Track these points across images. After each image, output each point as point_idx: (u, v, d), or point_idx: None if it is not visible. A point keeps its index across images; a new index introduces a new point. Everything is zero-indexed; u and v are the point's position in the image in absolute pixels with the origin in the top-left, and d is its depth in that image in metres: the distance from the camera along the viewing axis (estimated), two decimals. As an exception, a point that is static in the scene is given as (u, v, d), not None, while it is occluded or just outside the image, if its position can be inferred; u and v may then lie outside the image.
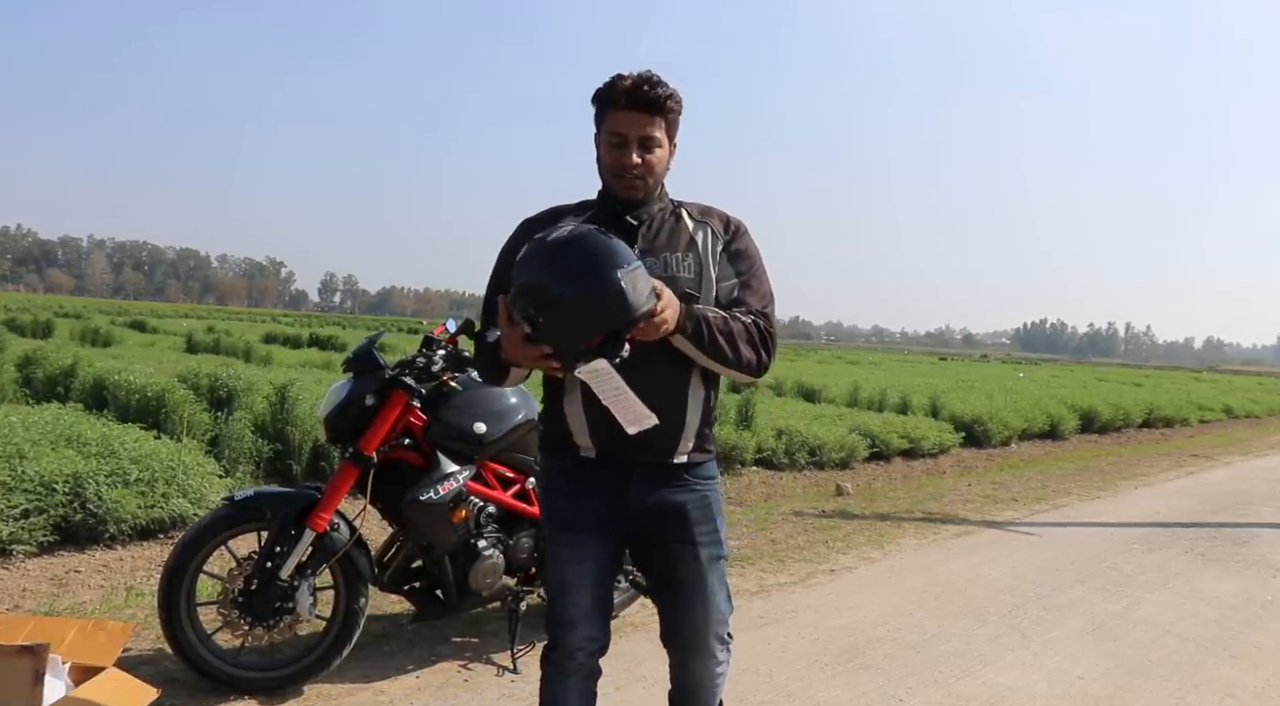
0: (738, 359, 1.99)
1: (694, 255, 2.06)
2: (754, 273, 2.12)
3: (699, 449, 2.10)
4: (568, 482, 2.13)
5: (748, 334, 2.02)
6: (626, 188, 2.03)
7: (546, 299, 1.75)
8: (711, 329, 1.95)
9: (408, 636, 3.80)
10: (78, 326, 19.06)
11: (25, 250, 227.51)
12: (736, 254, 2.12)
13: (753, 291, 2.10)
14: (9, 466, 4.57)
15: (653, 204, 2.08)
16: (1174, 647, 4.21)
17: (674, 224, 2.10)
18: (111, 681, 2.43)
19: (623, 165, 2.01)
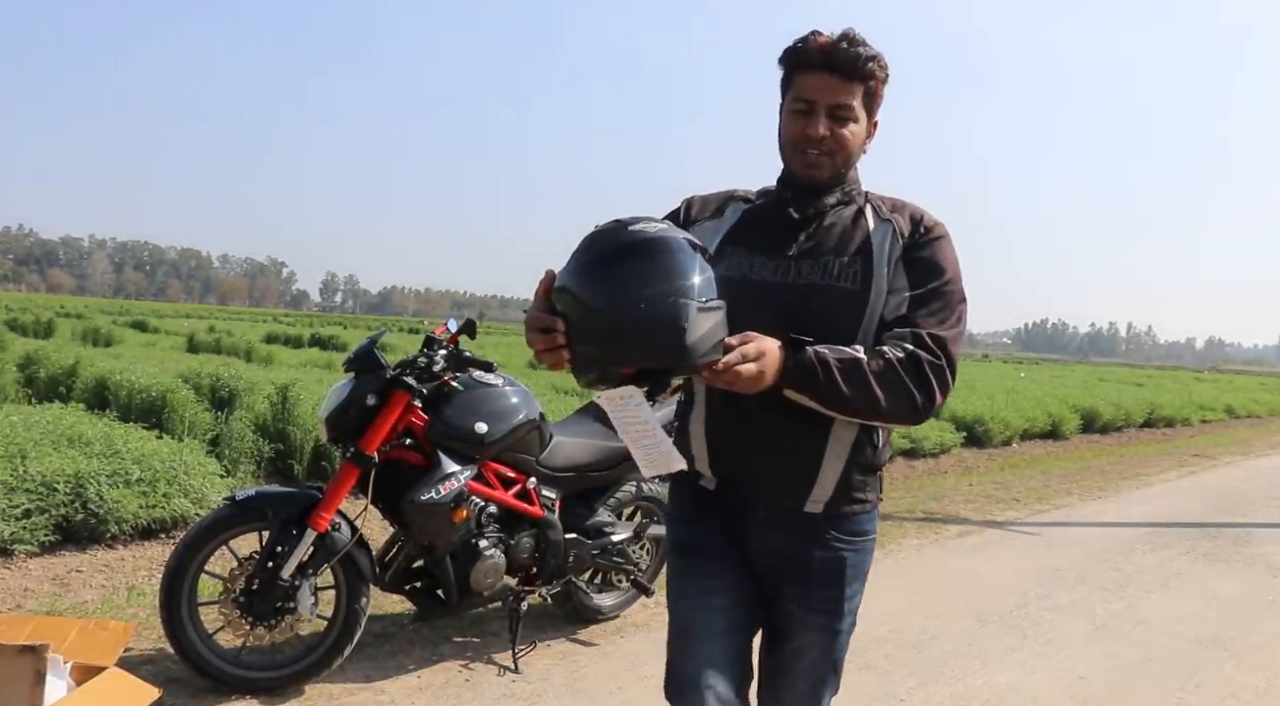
0: (874, 406, 1.59)
1: (864, 260, 1.69)
2: (937, 287, 1.69)
3: (843, 499, 1.73)
4: (686, 509, 1.87)
5: (895, 373, 1.59)
6: (807, 165, 1.69)
7: (577, 306, 1.47)
8: (831, 377, 1.56)
9: (409, 636, 3.80)
10: (79, 326, 19.07)
11: (27, 250, 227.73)
12: (918, 261, 1.70)
13: (928, 309, 1.67)
14: (11, 466, 4.57)
15: (831, 194, 1.73)
16: (1175, 647, 4.21)
17: (851, 221, 1.73)
18: (113, 681, 2.42)
19: (805, 136, 1.67)
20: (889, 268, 1.69)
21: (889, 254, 1.69)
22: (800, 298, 1.67)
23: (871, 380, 1.57)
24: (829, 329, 1.63)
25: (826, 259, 1.70)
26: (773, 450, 1.71)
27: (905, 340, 1.63)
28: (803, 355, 1.56)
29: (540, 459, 3.70)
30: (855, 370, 1.57)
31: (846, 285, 1.67)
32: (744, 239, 1.76)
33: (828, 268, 1.69)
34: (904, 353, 1.61)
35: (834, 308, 1.67)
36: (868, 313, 1.66)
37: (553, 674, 3.51)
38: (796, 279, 1.69)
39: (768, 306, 1.65)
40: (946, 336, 1.65)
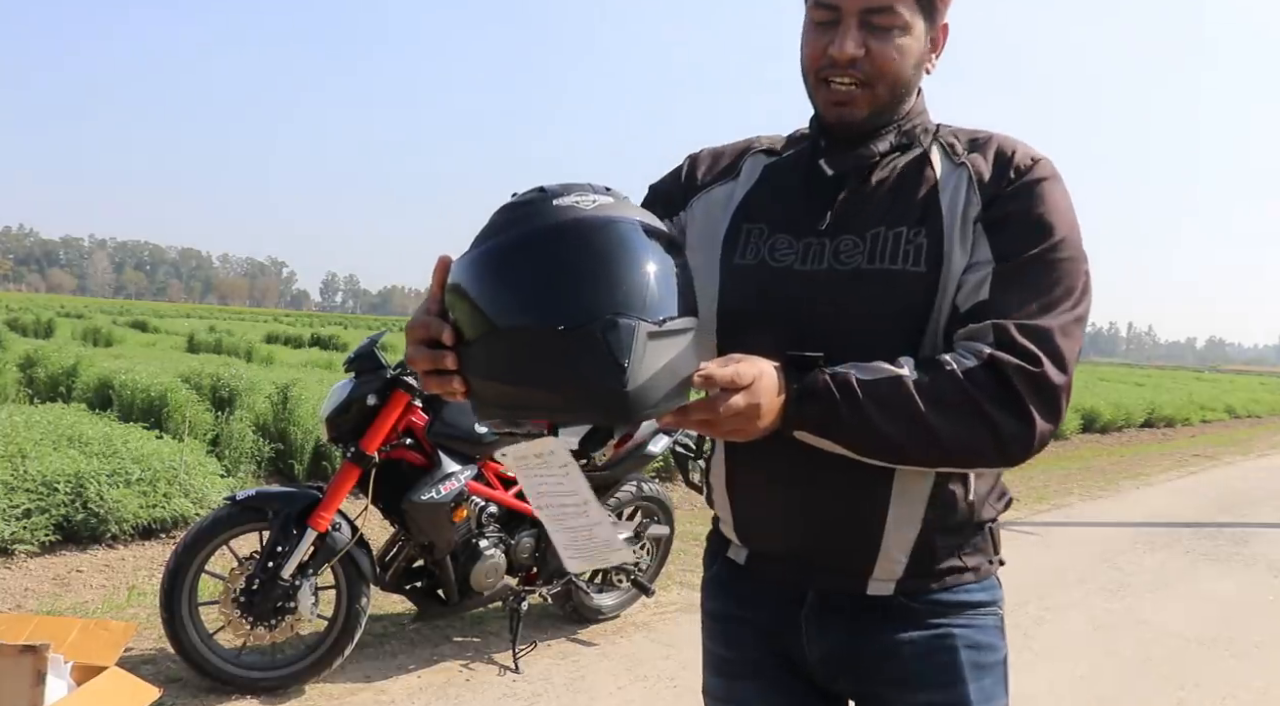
0: (930, 446, 1.05)
1: (930, 226, 1.15)
2: (1038, 254, 1.11)
3: (927, 572, 1.20)
4: (717, 598, 1.37)
5: (960, 391, 1.04)
6: (834, 101, 1.17)
7: (471, 316, 0.96)
8: (857, 409, 1.04)
9: (409, 636, 3.80)
10: (79, 326, 19.06)
11: (27, 250, 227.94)
12: (1008, 218, 1.13)
13: (1021, 288, 1.09)
14: (11, 466, 4.57)
15: (882, 137, 1.20)
16: (1175, 647, 4.21)
17: (911, 173, 1.19)
18: (113, 681, 2.42)
19: (829, 59, 1.15)
20: (960, 233, 1.14)
21: (963, 212, 1.15)
22: (839, 292, 1.16)
23: (921, 406, 1.03)
24: (882, 336, 1.13)
25: (876, 231, 1.17)
26: (812, 512, 1.19)
27: (981, 338, 1.08)
28: (812, 379, 1.05)
29: (540, 459, 3.69)
30: (894, 394, 1.04)
31: (905, 267, 1.14)
32: (764, 209, 1.26)
33: (878, 244, 1.16)
34: (976, 359, 1.05)
35: (888, 303, 1.14)
36: (937, 305, 1.13)
37: (553, 674, 3.51)
38: (834, 264, 1.17)
39: (793, 308, 1.17)
40: (1050, 326, 1.07)
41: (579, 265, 0.94)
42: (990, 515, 1.25)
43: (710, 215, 1.29)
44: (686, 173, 1.35)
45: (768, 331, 1.17)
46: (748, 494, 1.27)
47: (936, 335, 1.14)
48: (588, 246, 0.94)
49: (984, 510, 1.23)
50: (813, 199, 1.22)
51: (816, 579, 1.23)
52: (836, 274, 1.17)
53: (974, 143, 1.21)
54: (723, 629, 1.35)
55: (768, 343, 1.11)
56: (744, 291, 1.21)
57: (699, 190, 1.32)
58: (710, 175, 1.33)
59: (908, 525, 1.17)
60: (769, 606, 1.27)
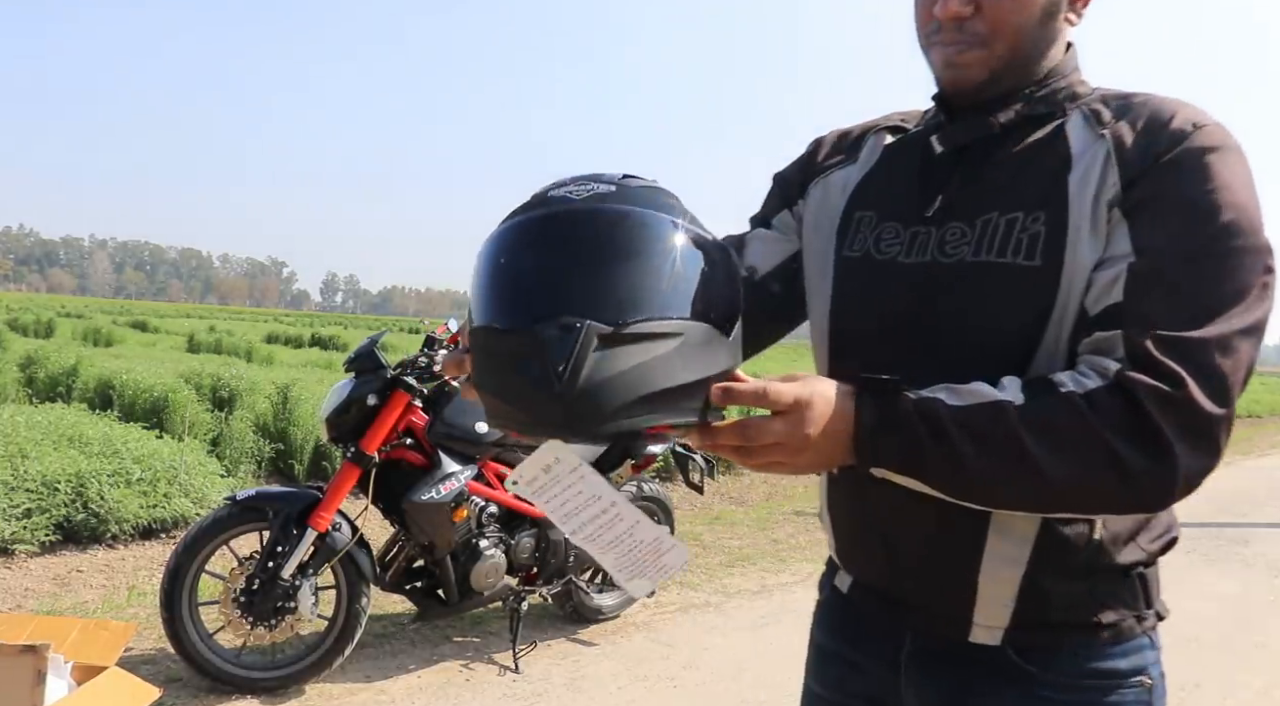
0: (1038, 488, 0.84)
1: (1051, 210, 0.93)
2: (1190, 245, 0.87)
3: (1043, 622, 0.99)
4: (820, 627, 1.23)
5: (1079, 420, 0.83)
6: (945, 63, 1.00)
7: (475, 325, 0.89)
8: (946, 443, 0.85)
9: (409, 636, 3.80)
10: (79, 326, 19.07)
11: (27, 250, 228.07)
12: (1152, 201, 0.90)
13: (1167, 290, 0.86)
14: (11, 466, 4.57)
15: (1005, 108, 1.00)
16: (1175, 647, 4.19)
17: (1044, 146, 0.98)
18: (113, 681, 2.42)
19: (932, 17, 0.99)
20: (1091, 219, 0.91)
21: (1095, 193, 0.92)
22: (939, 289, 0.98)
23: (1026, 439, 0.83)
24: (989, 346, 0.95)
25: (988, 218, 0.97)
26: (903, 540, 1.03)
27: (1110, 352, 0.86)
28: (889, 407, 0.86)
29: (540, 459, 3.70)
30: (993, 424, 0.84)
31: (1016, 260, 0.94)
32: (877, 194, 1.10)
33: (987, 233, 0.96)
34: (1101, 379, 0.85)
35: (995, 304, 0.95)
36: (1058, 308, 0.92)
37: (553, 674, 3.51)
38: (937, 256, 0.99)
39: (894, 309, 1.02)
40: (1204, 338, 0.83)
41: (540, 260, 0.85)
42: (1137, 557, 0.99)
43: (826, 202, 1.15)
44: (808, 157, 1.21)
45: (870, 336, 1.03)
46: (844, 514, 1.12)
47: (1058, 346, 0.93)
48: (556, 240, 0.85)
49: (1124, 550, 0.98)
50: (925, 181, 1.04)
51: (915, 619, 1.06)
52: (938, 268, 0.99)
53: (1125, 107, 0.97)
54: (819, 662, 1.21)
55: (870, 349, 1.01)
56: (850, 288, 1.07)
57: (817, 174, 1.18)
58: (831, 158, 1.18)
59: (1008, 564, 0.97)
60: (868, 644, 1.12)
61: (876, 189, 1.11)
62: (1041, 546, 0.96)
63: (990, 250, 0.95)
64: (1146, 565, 1.01)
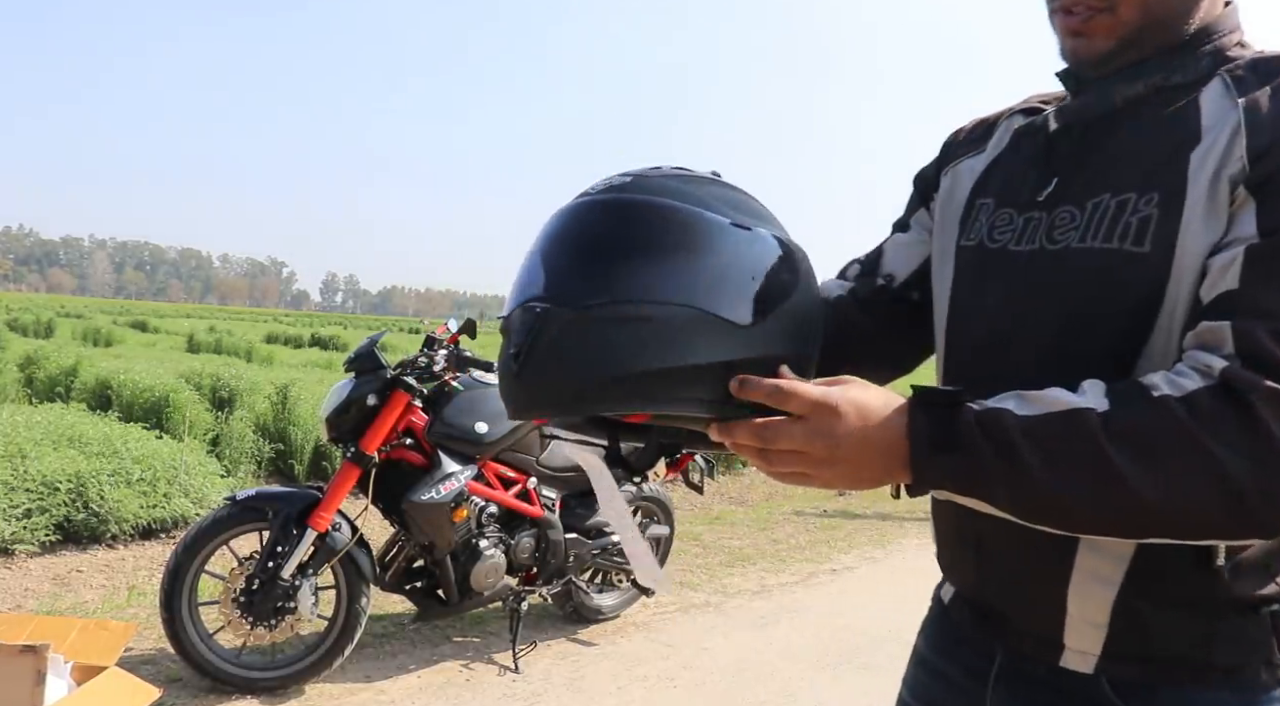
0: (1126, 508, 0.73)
1: (1167, 191, 0.83)
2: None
3: (1130, 652, 0.88)
4: (921, 635, 1.16)
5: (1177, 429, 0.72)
6: (1071, 31, 0.91)
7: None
8: (1014, 459, 0.75)
9: (409, 636, 3.80)
10: (79, 326, 19.08)
11: (27, 250, 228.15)
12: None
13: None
14: (11, 466, 4.58)
15: (1133, 79, 0.90)
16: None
17: (1174, 120, 0.86)
18: (113, 681, 2.42)
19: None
20: (1217, 199, 0.80)
21: (1216, 169, 0.80)
22: (1043, 277, 0.90)
23: (1110, 451, 0.73)
24: (1095, 340, 0.86)
25: (1099, 200, 0.87)
26: (994, 548, 0.96)
27: (1216, 348, 0.76)
28: (947, 419, 0.77)
29: (540, 459, 3.70)
30: (1070, 436, 0.74)
31: (1122, 246, 0.84)
32: (998, 181, 1.02)
33: (1095, 216, 0.87)
34: (1202, 378, 0.74)
35: (1100, 295, 0.85)
36: (1169, 299, 0.82)
37: (553, 674, 3.52)
38: (1045, 243, 0.91)
39: (999, 303, 0.94)
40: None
41: (534, 253, 0.87)
42: (1269, 591, 0.84)
43: (954, 193, 1.06)
44: (944, 149, 1.13)
45: (978, 335, 0.95)
46: (944, 518, 1.04)
47: (1169, 345, 0.82)
48: (553, 233, 0.86)
49: (1249, 582, 0.83)
50: (1042, 164, 0.96)
51: (1005, 635, 0.97)
52: (1044, 256, 0.90)
53: (1272, 71, 0.84)
54: (914, 672, 1.13)
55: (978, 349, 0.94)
56: (964, 282, 0.99)
57: (948, 165, 1.10)
58: (965, 147, 1.10)
59: (1100, 582, 0.87)
60: (959, 657, 1.04)
61: (1000, 174, 1.02)
62: (1138, 566, 0.85)
63: (1097, 236, 0.86)
64: (1276, 603, 0.85)
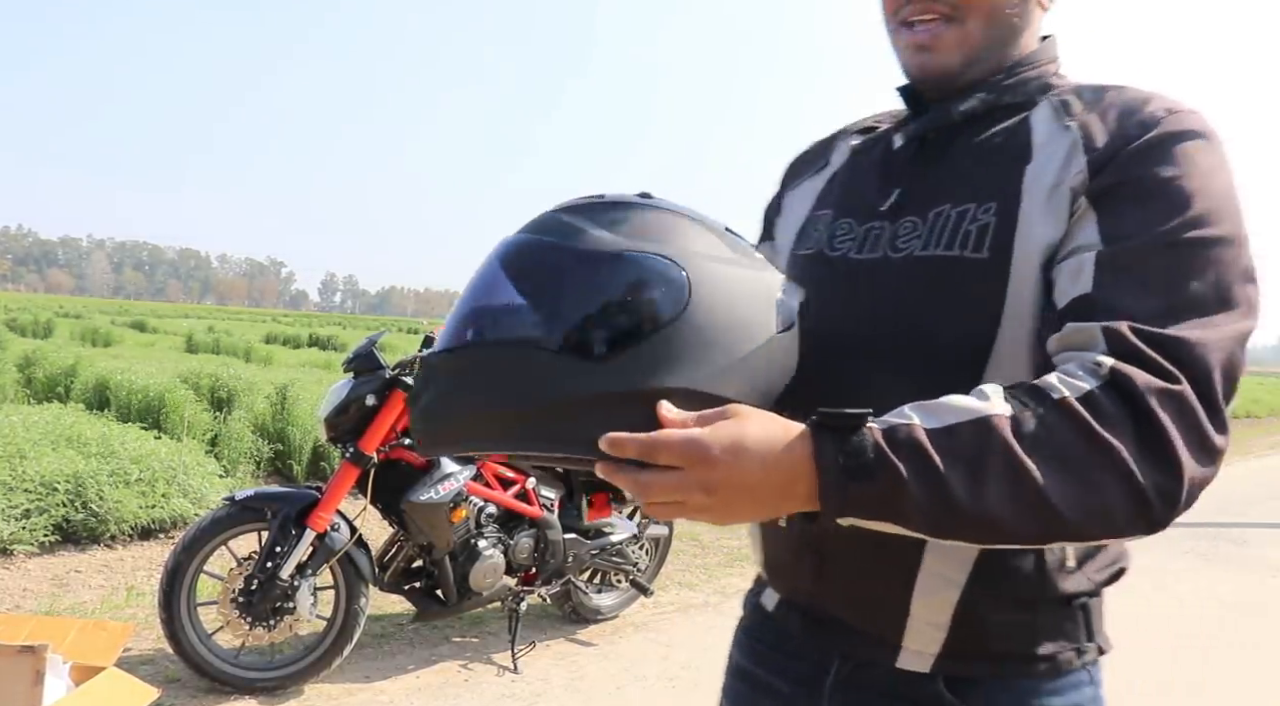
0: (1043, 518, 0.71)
1: (1003, 201, 0.88)
2: (1162, 235, 0.80)
3: (967, 650, 0.91)
4: (739, 649, 1.12)
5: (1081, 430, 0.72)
6: (917, 46, 0.95)
7: None
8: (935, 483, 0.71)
9: (408, 636, 3.80)
10: (78, 326, 19.07)
11: (26, 250, 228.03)
12: (1120, 187, 0.83)
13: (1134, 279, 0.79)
14: (10, 466, 4.57)
15: (970, 97, 0.95)
16: (1173, 647, 4.21)
17: (1006, 138, 0.93)
18: (111, 681, 2.42)
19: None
20: (1057, 208, 0.85)
21: (1054, 182, 0.86)
22: (888, 284, 0.93)
23: (1029, 461, 0.71)
24: (942, 346, 0.88)
25: (940, 210, 0.92)
26: (834, 551, 0.95)
27: (1090, 348, 0.77)
28: (859, 447, 0.73)
29: (539, 459, 3.70)
30: (983, 445, 0.72)
31: (963, 253, 0.88)
32: (835, 193, 1.05)
33: (937, 225, 0.91)
34: (1093, 377, 0.74)
35: (944, 300, 0.89)
36: (1009, 303, 0.86)
37: (552, 674, 3.52)
38: (889, 251, 0.94)
39: (841, 309, 0.95)
40: (1187, 338, 0.75)
41: (472, 287, 0.88)
42: (1083, 587, 0.92)
43: (794, 210, 1.10)
44: (785, 176, 1.16)
45: (824, 342, 0.91)
46: (771, 527, 1.01)
47: (1016, 348, 0.85)
48: (497, 269, 0.86)
49: (1070, 579, 0.91)
50: (883, 177, 0.99)
51: (843, 641, 0.97)
52: (888, 264, 0.93)
53: (1097, 97, 0.91)
54: (735, 686, 1.10)
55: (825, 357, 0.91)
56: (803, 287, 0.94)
57: (790, 189, 1.14)
58: (803, 169, 1.14)
59: (945, 586, 0.89)
60: (792, 670, 1.01)
61: (838, 188, 1.06)
62: (981, 570, 0.88)
63: (939, 244, 0.90)
64: (1091, 596, 0.94)
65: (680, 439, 0.73)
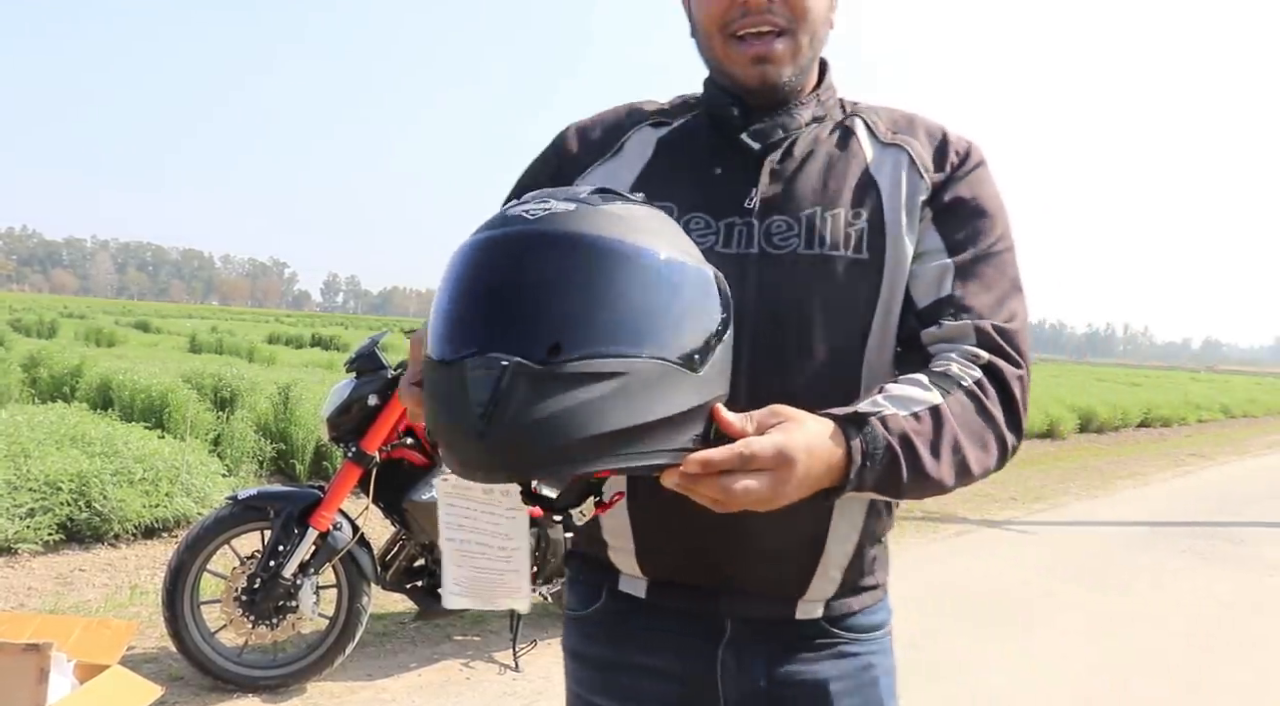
0: (963, 474, 0.93)
1: (871, 208, 1.04)
2: (990, 248, 1.05)
3: (853, 588, 1.10)
4: (599, 642, 1.14)
5: (982, 408, 0.95)
6: (756, 56, 1.02)
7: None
8: (918, 461, 0.89)
9: (410, 635, 3.83)
10: (82, 327, 19.09)
11: (30, 251, 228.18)
12: (957, 207, 1.05)
13: (983, 285, 1.02)
14: (14, 466, 4.60)
15: (801, 107, 1.07)
16: (1171, 646, 4.23)
17: (840, 148, 1.08)
18: (115, 679, 2.45)
19: (743, 5, 1.00)
20: (908, 219, 1.04)
21: (906, 197, 1.04)
22: (774, 276, 1.02)
23: (961, 436, 0.92)
24: (825, 327, 1.01)
25: (811, 213, 1.03)
26: (746, 528, 1.01)
27: (963, 340, 0.99)
28: (874, 441, 0.87)
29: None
30: (939, 429, 0.91)
31: (847, 253, 1.02)
32: (668, 187, 1.07)
33: (814, 227, 1.03)
34: (977, 367, 0.97)
35: (830, 291, 1.01)
36: (882, 298, 1.02)
37: (553, 672, 3.54)
38: (765, 247, 1.03)
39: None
40: (1016, 329, 1.01)
41: (478, 288, 0.79)
42: (891, 526, 1.14)
43: None
44: (561, 157, 1.15)
45: None
46: (656, 513, 1.04)
47: (885, 334, 1.03)
48: (498, 266, 0.79)
49: (892, 518, 1.13)
50: (732, 174, 1.06)
51: (741, 606, 1.06)
52: (770, 258, 1.02)
53: (900, 123, 1.11)
54: (609, 679, 1.12)
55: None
56: None
57: (581, 172, 1.12)
58: (589, 154, 1.13)
59: (845, 541, 1.06)
60: (675, 646, 1.08)
61: (664, 182, 1.08)
62: (867, 522, 1.07)
63: (823, 244, 1.02)
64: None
65: (771, 448, 0.80)
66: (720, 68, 1.06)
